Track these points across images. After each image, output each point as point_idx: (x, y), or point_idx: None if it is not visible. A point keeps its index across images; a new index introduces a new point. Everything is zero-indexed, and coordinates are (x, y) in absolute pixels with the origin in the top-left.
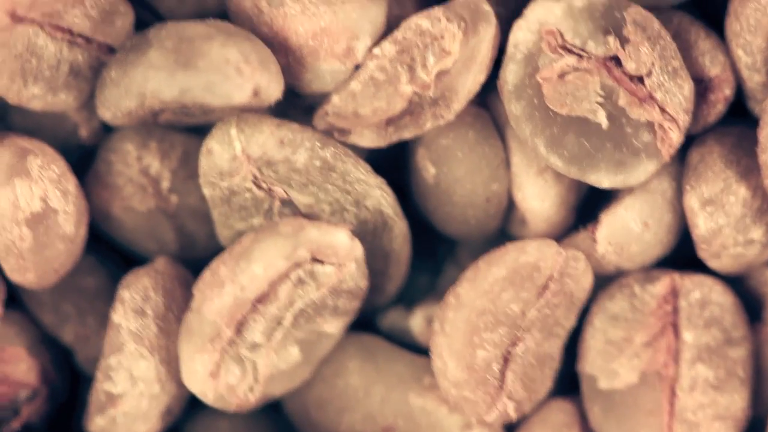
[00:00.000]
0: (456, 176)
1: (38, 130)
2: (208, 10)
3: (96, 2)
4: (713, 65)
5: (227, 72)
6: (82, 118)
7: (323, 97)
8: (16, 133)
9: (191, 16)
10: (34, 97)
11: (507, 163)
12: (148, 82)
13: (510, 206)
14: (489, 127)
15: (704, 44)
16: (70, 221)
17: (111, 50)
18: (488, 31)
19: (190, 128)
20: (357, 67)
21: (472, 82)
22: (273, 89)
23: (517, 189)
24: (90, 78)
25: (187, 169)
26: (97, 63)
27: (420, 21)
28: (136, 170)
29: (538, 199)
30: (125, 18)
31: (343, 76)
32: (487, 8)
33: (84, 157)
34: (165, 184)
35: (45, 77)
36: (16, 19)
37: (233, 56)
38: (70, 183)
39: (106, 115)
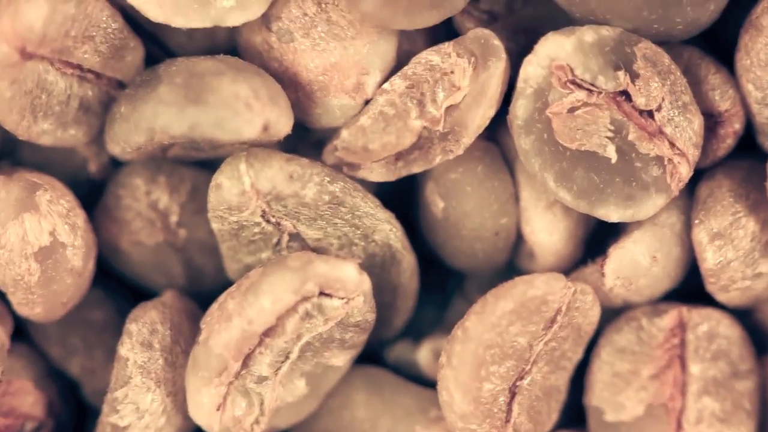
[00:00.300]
0: (465, 210)
1: (48, 165)
2: (218, 46)
3: (106, 38)
4: (723, 100)
5: (237, 107)
6: (92, 152)
7: (333, 132)
8: (26, 168)
9: (201, 52)
10: (44, 132)
11: (516, 197)
12: (158, 117)
13: (518, 240)
14: (498, 161)
15: (714, 79)
16: (78, 255)
17: (121, 85)
18: (498, 66)
19: (198, 162)
20: (367, 102)
21: (481, 116)
22: (283, 124)
23: (526, 223)
24: (100, 113)
25: (196, 203)
26: (107, 98)
27: (430, 56)
28: (145, 204)
29: (547, 233)
30: (135, 53)
31: (352, 111)
32: (498, 43)
33: (93, 191)
34: (173, 218)
35: (55, 113)
36: (26, 55)
37: (243, 92)
38: (79, 217)
39: (116, 150)
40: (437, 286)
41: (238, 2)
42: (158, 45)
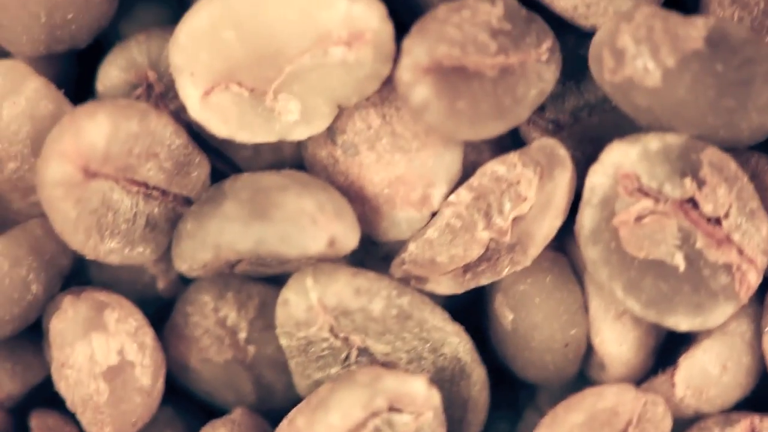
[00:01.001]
0: (534, 322)
1: (116, 283)
2: (284, 160)
3: (170, 154)
4: None
5: (302, 222)
6: (159, 270)
7: (400, 245)
8: (94, 287)
9: (268, 166)
10: (111, 251)
11: (585, 308)
12: (224, 234)
13: (588, 350)
14: (566, 272)
15: None
16: (147, 374)
17: (187, 201)
18: (564, 176)
19: (266, 278)
20: (433, 214)
21: (548, 227)
22: (349, 239)
23: (596, 333)
24: (167, 230)
25: (264, 319)
26: (174, 215)
27: (495, 167)
28: (213, 321)
29: (617, 344)
30: (201, 169)
31: (419, 223)
32: (563, 152)
33: (162, 309)
34: (242, 335)
35: (121, 231)
36: (89, 174)
37: (308, 206)
38: (148, 336)
39: (183, 268)
40: (508, 399)
41: (302, 116)
42: (224, 160)
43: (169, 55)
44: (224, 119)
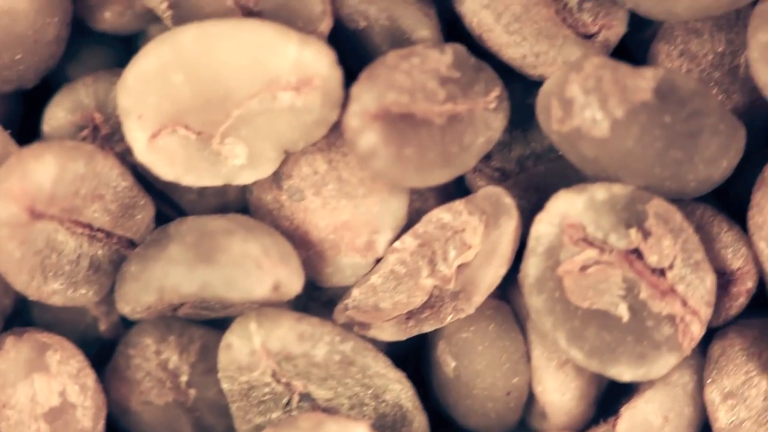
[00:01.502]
0: (476, 370)
1: (57, 324)
2: (228, 204)
3: (116, 197)
4: (736, 258)
5: (247, 267)
6: (101, 311)
7: (343, 290)
8: (36, 328)
9: (212, 211)
10: (54, 292)
11: (527, 356)
12: (168, 276)
13: (530, 399)
14: (510, 320)
15: (727, 237)
16: (88, 416)
17: (131, 243)
18: (510, 225)
19: (208, 321)
20: (378, 261)
21: (493, 275)
22: (293, 284)
23: (538, 382)
24: (110, 272)
25: (206, 362)
26: (117, 257)
27: (441, 214)
28: (155, 364)
29: (559, 393)
30: (145, 212)
31: (363, 269)
32: (509, 201)
33: (103, 350)
34: (183, 378)
35: (65, 272)
36: (35, 215)
37: (253, 251)
38: (89, 377)
39: (126, 310)
40: None
41: (249, 160)
42: (168, 203)
43: (117, 98)
44: (170, 162)
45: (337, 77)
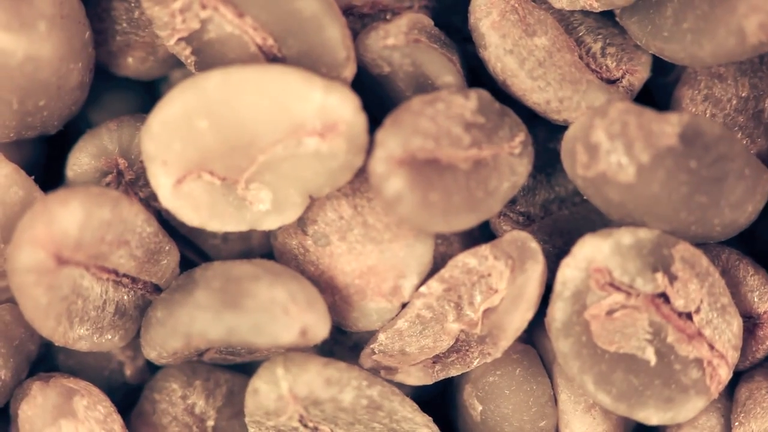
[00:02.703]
0: (503, 413)
1: (83, 369)
2: (253, 249)
3: (141, 242)
4: (762, 302)
5: (274, 312)
6: (127, 357)
7: (369, 334)
8: (62, 374)
9: (236, 256)
10: (80, 338)
11: (554, 400)
12: (195, 322)
13: None
14: (536, 364)
15: (752, 280)
16: None
17: (157, 289)
18: (536, 269)
19: (234, 366)
20: (404, 306)
21: (519, 319)
22: (320, 329)
23: (565, 426)
24: (136, 317)
25: (232, 407)
26: (143, 301)
27: (467, 259)
28: (181, 409)
29: None
30: (170, 257)
31: (389, 314)
32: (535, 246)
33: (129, 395)
34: (210, 423)
35: (91, 318)
36: (61, 261)
37: (280, 296)
38: (116, 423)
39: (152, 355)
40: None
41: (274, 206)
42: (192, 248)
43: (141, 144)
44: (196, 208)
45: (362, 123)
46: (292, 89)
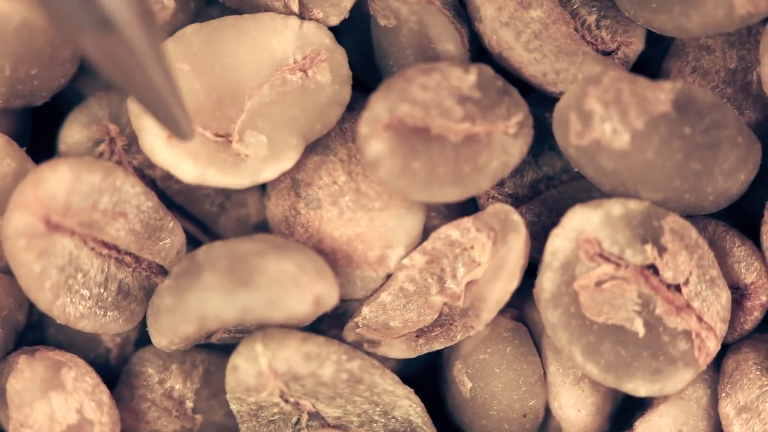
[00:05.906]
0: (493, 391)
1: (68, 344)
2: (250, 216)
3: (139, 216)
4: (749, 272)
5: (286, 285)
6: (116, 344)
7: (352, 303)
8: (46, 347)
9: (234, 224)
10: (82, 316)
11: (544, 377)
12: (207, 305)
13: (546, 414)
14: (527, 342)
15: (739, 252)
16: (105, 431)
17: (162, 270)
18: (518, 241)
19: (208, 345)
20: (388, 276)
21: (501, 291)
22: (331, 297)
23: (554, 398)
24: (141, 299)
25: (210, 387)
26: (148, 284)
27: (449, 231)
28: (159, 394)
29: (574, 409)
30: (174, 237)
31: (374, 284)
32: (517, 218)
33: (110, 376)
34: (189, 405)
35: (93, 295)
36: (51, 226)
37: (290, 269)
38: (104, 393)
39: (162, 343)
40: None
41: (270, 152)
42: (190, 218)
43: (129, 102)
44: (194, 157)
45: (341, 51)
46: (268, 26)
